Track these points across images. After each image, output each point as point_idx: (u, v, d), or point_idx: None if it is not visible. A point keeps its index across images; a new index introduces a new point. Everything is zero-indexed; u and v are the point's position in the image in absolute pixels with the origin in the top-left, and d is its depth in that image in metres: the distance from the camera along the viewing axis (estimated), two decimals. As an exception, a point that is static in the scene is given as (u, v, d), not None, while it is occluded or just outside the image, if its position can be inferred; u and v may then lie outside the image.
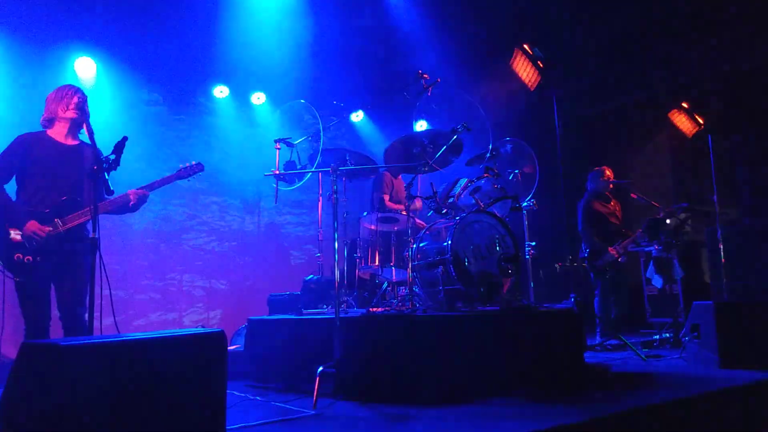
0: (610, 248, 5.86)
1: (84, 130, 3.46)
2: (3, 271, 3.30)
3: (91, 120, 3.49)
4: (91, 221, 3.48)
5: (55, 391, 1.92)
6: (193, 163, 3.90)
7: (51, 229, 3.36)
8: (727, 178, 7.21)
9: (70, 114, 3.56)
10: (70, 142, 3.62)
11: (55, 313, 3.53)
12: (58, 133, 3.59)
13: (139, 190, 3.63)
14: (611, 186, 6.23)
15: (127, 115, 6.54)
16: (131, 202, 3.59)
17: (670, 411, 3.04)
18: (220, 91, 7.33)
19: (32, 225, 3.33)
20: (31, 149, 3.49)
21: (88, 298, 2.80)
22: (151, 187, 3.69)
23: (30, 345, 2.08)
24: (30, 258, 3.31)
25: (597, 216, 6.11)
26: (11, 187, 3.56)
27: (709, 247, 6.78)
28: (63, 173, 3.49)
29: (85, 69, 6.17)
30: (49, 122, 3.60)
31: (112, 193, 3.40)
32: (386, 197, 5.24)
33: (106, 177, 3.34)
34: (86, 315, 3.22)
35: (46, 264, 3.36)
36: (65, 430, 1.86)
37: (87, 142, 3.63)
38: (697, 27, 6.84)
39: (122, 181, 3.45)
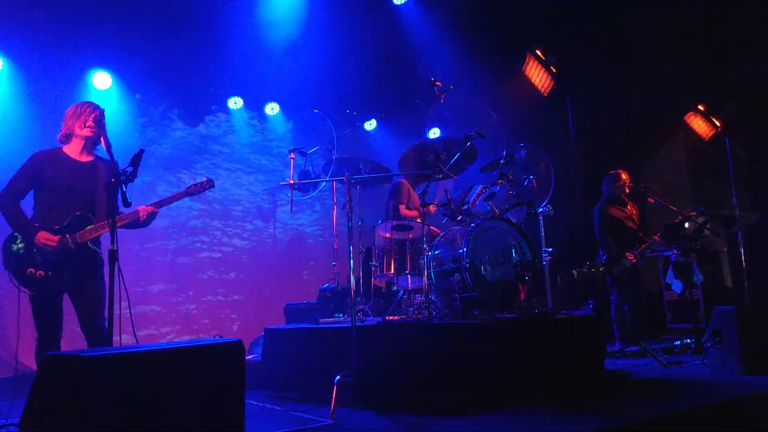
0: (627, 253, 5.79)
1: (102, 143, 3.50)
2: (18, 286, 3.34)
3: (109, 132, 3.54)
4: (102, 236, 3.55)
5: (76, 402, 1.93)
6: (204, 179, 3.92)
7: (60, 238, 3.39)
8: (746, 181, 7.11)
9: (86, 132, 3.59)
10: (85, 158, 3.66)
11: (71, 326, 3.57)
12: (73, 149, 3.64)
13: (149, 207, 3.67)
14: (627, 190, 6.16)
15: (141, 128, 6.64)
16: (141, 218, 3.63)
17: (692, 418, 2.99)
18: (235, 102, 7.39)
19: (42, 235, 3.37)
20: (45, 166, 3.54)
21: (107, 310, 2.82)
22: (160, 203, 3.73)
23: (52, 357, 2.10)
24: (42, 273, 3.36)
25: (613, 221, 6.04)
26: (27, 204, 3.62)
27: (729, 251, 6.68)
28: (76, 190, 3.54)
29: (101, 82, 6.24)
30: (66, 138, 3.65)
31: (130, 205, 3.43)
32: (402, 206, 5.24)
33: (124, 189, 3.38)
34: (107, 325, 3.27)
35: (58, 279, 3.40)
36: (86, 441, 1.88)
37: (102, 158, 3.68)
38: (714, 29, 6.77)
39: (135, 192, 3.49)
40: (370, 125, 8.38)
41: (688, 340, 5.79)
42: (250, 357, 4.94)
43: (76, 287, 3.49)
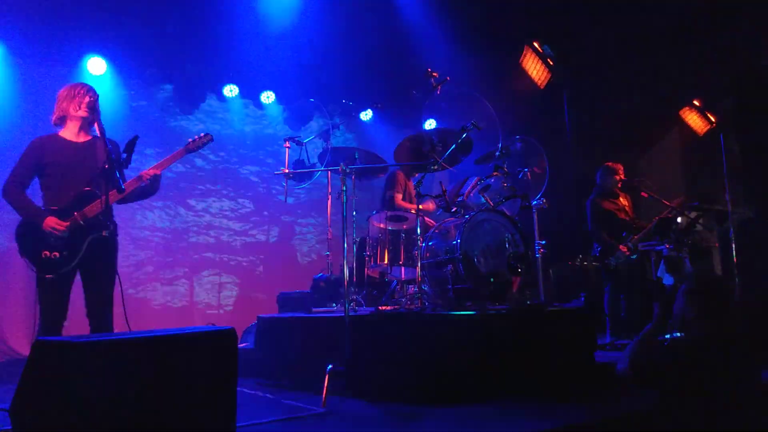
0: (621, 246, 5.81)
1: (95, 127, 3.49)
2: (36, 271, 3.32)
3: (102, 119, 3.53)
4: (110, 210, 3.52)
5: (67, 389, 1.94)
6: (202, 135, 3.82)
7: (70, 223, 3.38)
8: (740, 176, 7.13)
9: (82, 113, 3.55)
10: (83, 138, 3.63)
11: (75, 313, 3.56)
12: (71, 131, 3.61)
13: (150, 170, 3.61)
14: (620, 185, 6.16)
15: (138, 114, 6.60)
16: (144, 183, 3.58)
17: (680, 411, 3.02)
18: (230, 90, 7.33)
19: (50, 220, 3.35)
20: (45, 152, 3.52)
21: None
22: (162, 165, 3.65)
23: (43, 342, 2.10)
24: (57, 254, 3.34)
25: (606, 213, 6.04)
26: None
27: (721, 246, 6.71)
28: (78, 170, 3.51)
29: (96, 68, 6.20)
30: (61, 120, 3.61)
31: (123, 191, 3.41)
32: (399, 196, 5.23)
33: (118, 175, 3.37)
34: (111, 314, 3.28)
35: (75, 256, 3.39)
36: (77, 427, 1.88)
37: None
38: (709, 24, 6.77)
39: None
40: (366, 115, 8.35)
41: (678, 334, 5.81)
42: (242, 345, 4.95)
43: (90, 267, 3.47)
